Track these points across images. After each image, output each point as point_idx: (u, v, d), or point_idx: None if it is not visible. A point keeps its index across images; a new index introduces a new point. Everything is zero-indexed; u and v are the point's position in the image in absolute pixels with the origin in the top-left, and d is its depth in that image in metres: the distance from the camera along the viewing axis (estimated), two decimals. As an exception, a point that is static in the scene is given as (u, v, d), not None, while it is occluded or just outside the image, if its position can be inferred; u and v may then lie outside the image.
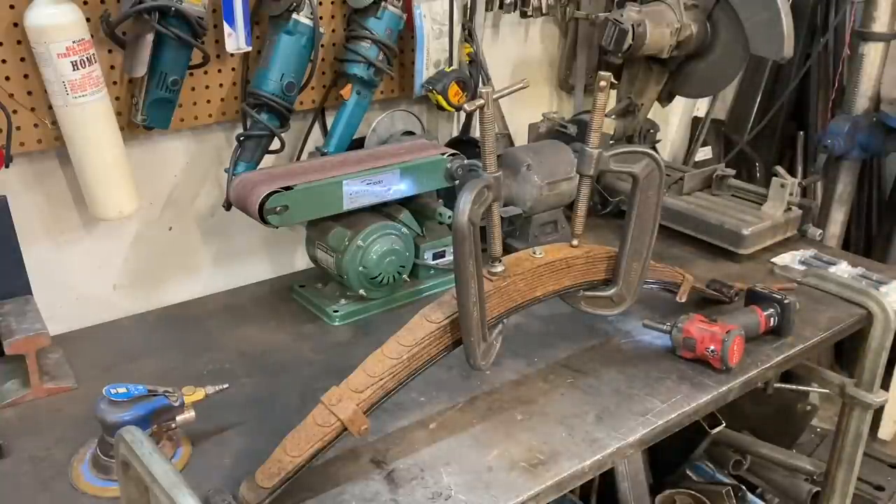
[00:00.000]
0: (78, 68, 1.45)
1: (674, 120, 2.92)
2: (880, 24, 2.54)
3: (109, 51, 1.58)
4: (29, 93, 1.52)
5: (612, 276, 1.55)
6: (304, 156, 1.95)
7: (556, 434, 1.38)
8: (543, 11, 2.24)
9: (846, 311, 1.79)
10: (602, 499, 2.27)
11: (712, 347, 1.52)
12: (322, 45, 1.77)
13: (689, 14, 2.08)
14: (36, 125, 1.55)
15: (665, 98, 2.34)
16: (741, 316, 1.63)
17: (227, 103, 1.78)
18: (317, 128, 1.95)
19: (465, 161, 1.80)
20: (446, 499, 1.23)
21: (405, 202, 1.83)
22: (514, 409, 1.44)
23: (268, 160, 1.81)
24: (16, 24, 1.47)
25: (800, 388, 2.90)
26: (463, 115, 2.22)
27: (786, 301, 1.65)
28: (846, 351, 2.98)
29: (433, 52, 1.98)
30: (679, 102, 2.75)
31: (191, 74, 1.67)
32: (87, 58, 1.46)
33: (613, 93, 2.26)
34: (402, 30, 1.86)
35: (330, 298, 1.80)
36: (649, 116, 2.32)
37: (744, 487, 2.39)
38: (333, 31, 1.86)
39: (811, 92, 2.99)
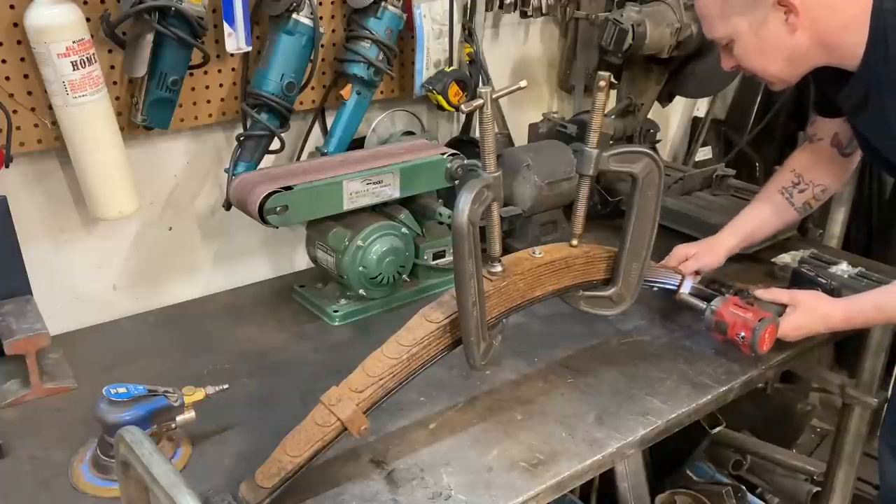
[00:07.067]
0: (78, 68, 1.44)
1: (674, 120, 2.92)
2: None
3: (109, 51, 1.58)
4: (29, 93, 1.52)
5: (612, 275, 1.55)
6: (304, 156, 1.95)
7: (556, 434, 1.38)
8: (543, 11, 2.24)
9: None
10: (602, 499, 2.26)
11: (742, 334, 1.51)
12: (322, 45, 1.77)
13: (689, 14, 2.08)
14: (36, 125, 1.55)
15: (665, 98, 2.33)
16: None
17: (227, 103, 1.78)
18: (317, 128, 1.95)
19: (465, 161, 1.80)
20: (446, 499, 1.23)
21: (405, 202, 1.83)
22: (514, 409, 1.44)
23: (268, 160, 1.81)
24: (16, 24, 1.46)
25: (800, 388, 2.90)
26: (463, 115, 2.22)
27: (831, 287, 1.64)
28: (846, 351, 2.97)
29: (433, 52, 1.98)
30: (679, 102, 2.75)
31: (191, 74, 1.67)
32: (87, 58, 1.46)
33: (613, 93, 2.25)
34: (402, 30, 1.86)
35: (330, 298, 1.80)
36: (649, 116, 2.32)
37: (744, 487, 2.39)
38: (333, 31, 1.86)
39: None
